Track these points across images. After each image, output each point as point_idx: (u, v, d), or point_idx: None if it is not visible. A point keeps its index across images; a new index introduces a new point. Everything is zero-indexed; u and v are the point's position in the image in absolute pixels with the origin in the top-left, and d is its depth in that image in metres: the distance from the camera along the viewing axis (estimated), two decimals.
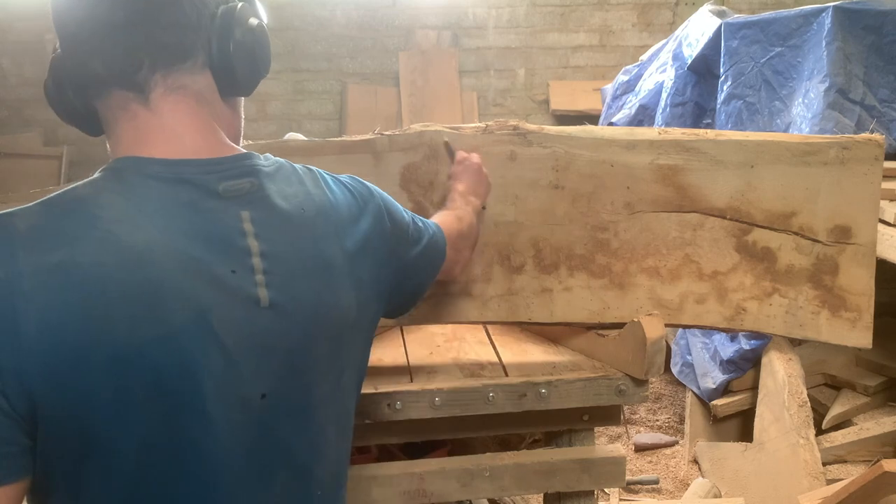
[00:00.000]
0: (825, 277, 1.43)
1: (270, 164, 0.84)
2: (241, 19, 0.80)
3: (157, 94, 0.77)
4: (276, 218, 0.79)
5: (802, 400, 2.38)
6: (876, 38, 2.51)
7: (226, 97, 0.83)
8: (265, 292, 0.76)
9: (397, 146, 1.43)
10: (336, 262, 0.82)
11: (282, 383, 0.77)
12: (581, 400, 1.40)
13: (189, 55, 0.78)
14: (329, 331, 0.81)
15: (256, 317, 0.75)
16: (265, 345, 0.76)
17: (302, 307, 0.78)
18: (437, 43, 5.03)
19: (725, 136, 1.43)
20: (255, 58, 0.82)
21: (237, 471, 0.75)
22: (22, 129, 4.87)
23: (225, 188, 0.77)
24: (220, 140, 0.81)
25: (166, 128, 0.77)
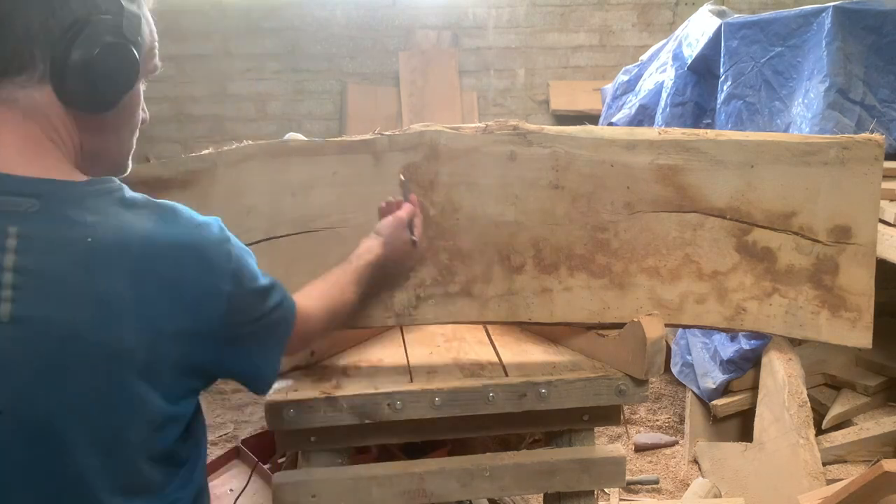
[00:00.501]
0: (825, 277, 1.43)
1: (84, 190, 0.81)
2: (91, 34, 0.79)
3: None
4: (53, 240, 0.77)
5: (802, 400, 2.37)
6: (876, 38, 2.51)
7: (73, 113, 0.82)
8: (8, 307, 0.75)
9: (397, 146, 1.43)
10: (117, 301, 0.79)
11: (20, 402, 0.76)
12: (581, 400, 1.40)
13: (24, 68, 0.78)
14: (91, 366, 0.78)
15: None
16: (1, 361, 0.75)
17: (53, 329, 0.76)
18: (437, 43, 5.03)
19: (725, 136, 1.44)
20: (95, 75, 0.80)
21: None
22: None
23: (2, 202, 0.76)
24: (41, 158, 0.80)
25: None
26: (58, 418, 0.77)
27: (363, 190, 1.43)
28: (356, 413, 1.34)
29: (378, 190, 1.43)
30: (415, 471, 1.41)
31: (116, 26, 0.82)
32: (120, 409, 0.80)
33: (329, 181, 1.43)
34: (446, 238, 1.45)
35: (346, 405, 1.34)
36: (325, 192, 1.43)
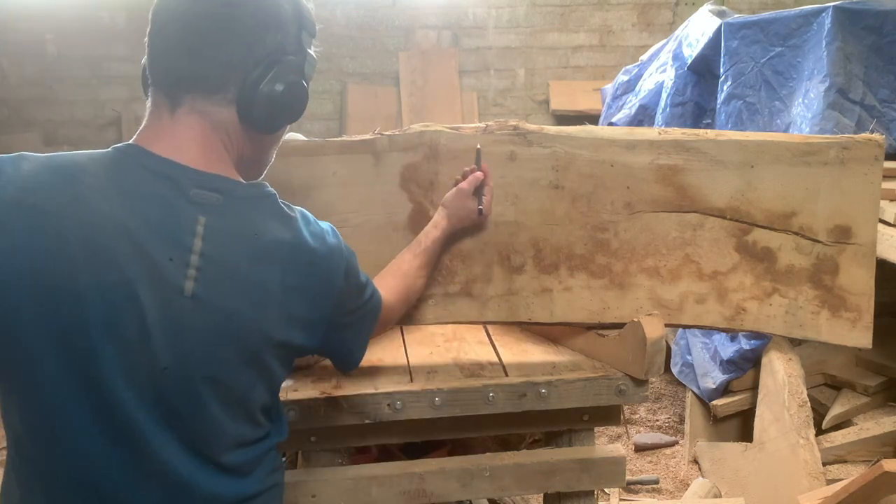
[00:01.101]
0: (825, 277, 1.43)
1: (253, 192, 0.96)
2: (281, 71, 0.94)
3: (183, 110, 0.92)
4: (230, 231, 0.92)
5: (802, 400, 2.38)
6: (876, 38, 2.51)
7: (247, 130, 0.96)
8: (191, 285, 0.88)
9: (397, 146, 1.43)
10: (271, 288, 0.94)
11: (184, 365, 0.89)
12: (581, 400, 1.40)
13: (221, 89, 0.92)
14: (245, 339, 0.93)
15: (176, 301, 0.88)
16: (177, 327, 0.88)
17: (221, 308, 0.90)
18: (437, 43, 5.03)
19: (725, 136, 1.44)
20: (278, 106, 0.95)
21: (136, 419, 0.88)
22: (22, 129, 4.87)
23: (195, 193, 0.90)
24: (220, 161, 0.94)
25: (176, 136, 0.92)
26: (207, 377, 0.91)
27: (363, 190, 1.43)
28: (356, 413, 1.34)
29: (378, 190, 1.43)
30: (415, 471, 1.41)
31: (299, 67, 0.97)
32: (255, 375, 0.96)
33: (329, 181, 1.43)
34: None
35: (346, 405, 1.34)
36: (325, 192, 1.43)
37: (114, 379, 0.86)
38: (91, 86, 4.93)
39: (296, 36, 0.97)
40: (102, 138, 4.98)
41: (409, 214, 1.45)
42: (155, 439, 0.90)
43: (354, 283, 1.07)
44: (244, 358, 0.93)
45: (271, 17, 0.93)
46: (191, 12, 0.90)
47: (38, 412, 0.88)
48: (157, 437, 0.90)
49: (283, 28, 0.94)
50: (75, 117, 4.96)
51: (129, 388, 0.87)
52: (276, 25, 0.94)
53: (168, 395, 0.90)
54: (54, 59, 4.84)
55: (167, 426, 0.90)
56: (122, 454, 0.89)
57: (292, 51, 0.96)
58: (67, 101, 4.94)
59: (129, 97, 4.92)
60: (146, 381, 0.88)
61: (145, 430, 0.89)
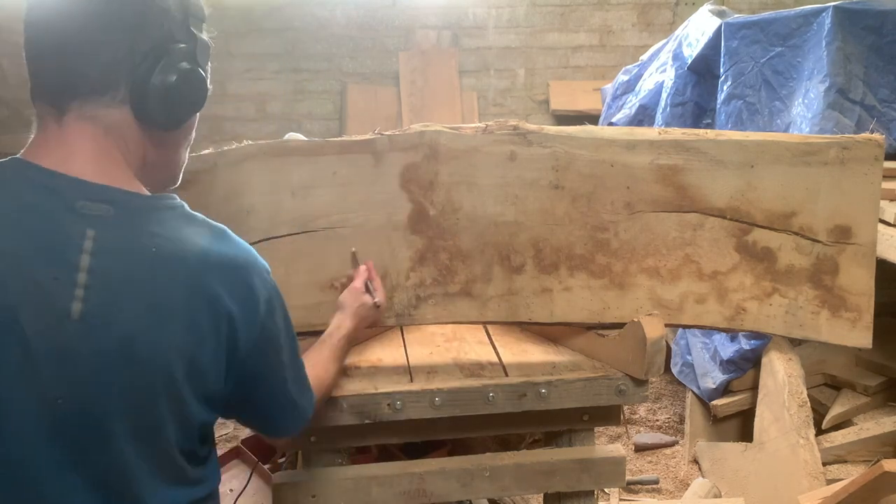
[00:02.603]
0: (825, 277, 1.43)
1: (153, 203, 0.88)
2: (170, 60, 0.87)
3: (71, 117, 0.85)
4: (123, 246, 0.84)
5: (802, 400, 2.37)
6: (876, 38, 2.51)
7: (146, 130, 0.89)
8: (79, 306, 0.80)
9: (397, 146, 1.43)
10: (172, 309, 0.84)
11: (78, 396, 0.81)
12: (581, 400, 1.40)
13: (108, 90, 0.85)
14: (143, 365, 0.83)
15: (63, 325, 0.80)
16: (67, 354, 0.80)
17: (114, 330, 0.82)
18: (437, 43, 5.03)
19: (725, 136, 1.44)
20: (173, 97, 0.88)
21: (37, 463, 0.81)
22: (22, 129, 4.83)
23: (81, 205, 0.83)
24: (117, 169, 0.87)
25: (65, 146, 0.85)
26: (107, 410, 0.82)
27: (363, 190, 1.43)
28: (356, 413, 1.34)
29: (378, 190, 1.43)
30: (415, 471, 1.41)
31: (191, 54, 0.90)
32: (161, 408, 0.85)
33: (329, 181, 1.43)
34: (446, 238, 1.45)
35: (346, 405, 1.34)
36: (325, 192, 1.43)
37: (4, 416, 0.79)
38: None
39: (182, 22, 0.89)
40: None
41: (408, 214, 1.45)
42: (54, 483, 0.81)
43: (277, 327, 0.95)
44: (147, 387, 0.84)
45: (151, 5, 0.86)
46: (65, 13, 0.84)
47: None
48: (57, 481, 0.82)
49: (167, 15, 0.87)
50: None
51: (19, 428, 0.79)
52: (158, 14, 0.87)
53: (67, 430, 0.81)
54: None
55: (69, 465, 0.82)
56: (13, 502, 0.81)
57: (181, 38, 0.89)
58: None
59: None
60: (40, 417, 0.80)
61: (42, 475, 0.81)
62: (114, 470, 0.84)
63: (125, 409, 0.83)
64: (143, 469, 0.86)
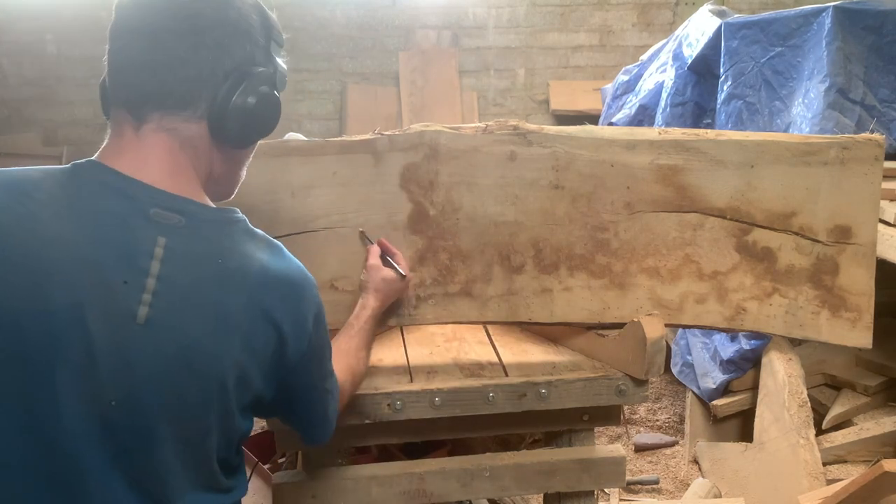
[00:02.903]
0: (825, 277, 1.43)
1: (221, 217, 0.91)
2: (251, 83, 0.90)
3: (149, 127, 0.88)
4: (190, 254, 0.86)
5: (802, 400, 2.37)
6: (876, 38, 2.51)
7: (219, 146, 0.92)
8: (146, 311, 0.82)
9: (397, 146, 1.43)
10: (234, 318, 0.87)
11: (133, 399, 0.83)
12: (581, 400, 1.40)
13: (189, 105, 0.88)
14: (201, 373, 0.85)
15: (128, 329, 0.82)
16: (128, 357, 0.82)
17: (176, 338, 0.84)
18: (437, 43, 5.03)
19: (725, 136, 1.44)
20: (252, 119, 0.91)
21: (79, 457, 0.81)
22: (22, 129, 4.87)
23: (155, 213, 0.85)
24: (188, 182, 0.90)
25: (141, 154, 0.87)
26: (158, 416, 0.84)
27: (363, 190, 1.43)
28: (356, 413, 1.34)
29: (378, 190, 1.43)
30: (415, 471, 1.41)
31: (270, 78, 0.93)
32: (212, 418, 0.88)
33: (329, 181, 1.43)
34: (446, 238, 1.45)
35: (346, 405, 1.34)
36: (325, 192, 1.43)
37: (55, 413, 0.80)
38: (91, 86, 4.93)
39: (264, 47, 0.93)
40: (102, 138, 4.94)
41: (408, 214, 1.45)
42: (97, 480, 0.82)
43: (323, 339, 1.00)
44: (201, 394, 0.86)
45: (239, 28, 0.89)
46: (155, 27, 0.86)
47: None
48: (101, 478, 0.83)
49: (251, 39, 0.91)
50: (75, 117, 4.96)
51: (72, 423, 0.80)
52: (244, 36, 0.90)
53: (117, 431, 0.82)
54: (54, 59, 4.84)
55: (114, 467, 0.83)
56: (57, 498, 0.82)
57: (261, 62, 0.93)
58: (67, 101, 4.93)
59: None
60: (92, 416, 0.81)
61: (87, 470, 0.82)
62: (153, 473, 0.86)
63: (176, 415, 0.85)
64: (180, 475, 0.88)
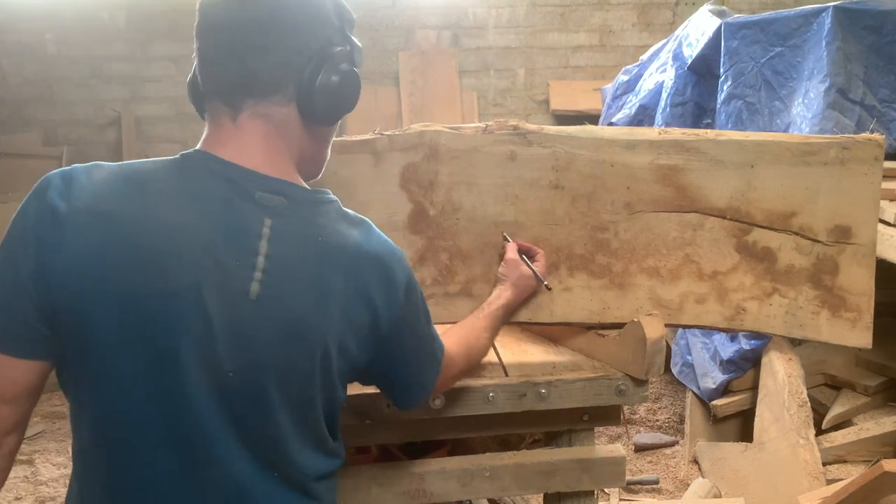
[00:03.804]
0: (825, 277, 1.43)
1: (316, 197, 0.98)
2: (333, 62, 0.96)
3: (245, 115, 0.94)
4: (295, 234, 0.93)
5: (802, 400, 2.38)
6: (876, 38, 2.51)
7: (307, 125, 0.98)
8: (257, 287, 0.89)
9: (397, 146, 1.43)
10: (334, 292, 0.93)
11: (248, 369, 0.90)
12: (581, 400, 1.40)
13: (280, 89, 0.94)
14: (308, 343, 0.92)
15: (242, 305, 0.89)
16: (243, 330, 0.89)
17: (285, 311, 0.90)
18: (437, 43, 5.03)
19: (725, 136, 1.44)
20: (337, 97, 0.97)
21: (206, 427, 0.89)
22: (22, 129, 4.87)
23: (260, 196, 0.92)
24: (284, 164, 0.97)
25: (241, 141, 0.94)
26: (271, 382, 0.91)
27: (363, 190, 1.43)
28: (356, 413, 1.34)
29: (378, 190, 1.43)
30: (415, 471, 1.41)
31: (349, 56, 0.99)
32: (317, 382, 0.95)
33: (329, 181, 1.43)
34: (446, 238, 1.45)
35: (346, 405, 1.34)
36: None
37: (183, 384, 0.87)
38: (91, 86, 4.93)
39: (339, 28, 0.99)
40: (102, 138, 4.98)
41: (408, 214, 1.45)
42: (217, 443, 0.90)
43: (416, 306, 1.04)
44: (307, 362, 0.93)
45: (316, 12, 0.95)
46: (238, 20, 0.92)
47: (107, 419, 0.89)
48: (220, 441, 0.90)
49: (327, 22, 0.97)
50: (75, 117, 4.96)
51: (197, 394, 0.88)
52: (321, 20, 0.96)
53: (234, 399, 0.90)
54: (54, 59, 4.84)
55: (231, 431, 0.91)
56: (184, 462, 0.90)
57: (338, 42, 0.98)
58: (67, 101, 4.94)
59: (129, 97, 4.91)
60: (211, 386, 0.88)
61: (208, 435, 0.89)
62: (267, 436, 0.93)
63: (286, 381, 0.92)
64: (292, 437, 0.95)
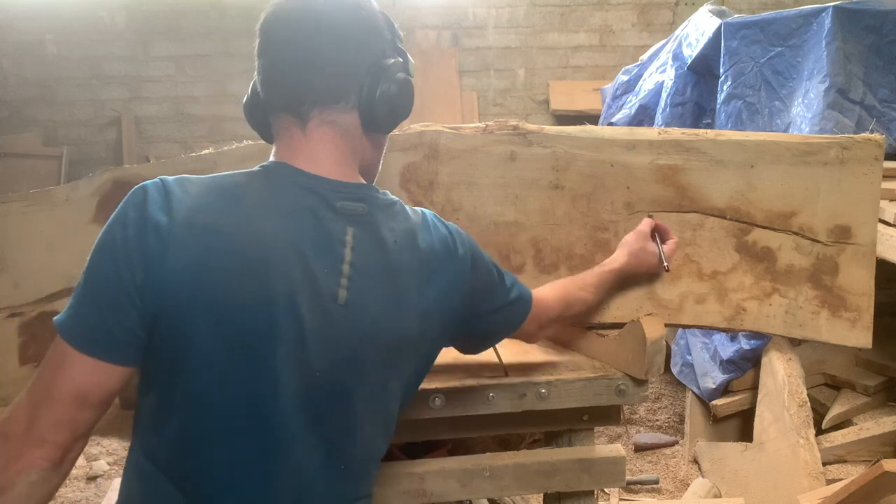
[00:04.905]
0: (825, 277, 1.43)
1: (386, 199, 1.03)
2: (390, 73, 1.00)
3: (313, 124, 0.98)
4: (373, 240, 0.97)
5: (802, 400, 2.38)
6: (876, 38, 2.51)
7: (368, 133, 1.02)
8: (345, 293, 0.94)
9: (397, 146, 1.43)
10: (409, 291, 0.99)
11: (334, 369, 0.94)
12: (581, 400, 1.40)
13: (342, 97, 0.98)
14: (386, 341, 0.97)
15: (332, 309, 0.93)
16: (331, 333, 0.93)
17: (369, 314, 0.96)
18: (437, 43, 5.03)
19: (725, 136, 1.44)
20: (395, 105, 1.01)
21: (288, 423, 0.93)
22: (22, 129, 4.87)
23: (342, 205, 0.96)
24: (352, 168, 1.01)
25: (312, 150, 0.98)
26: (353, 380, 0.96)
27: None
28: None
29: None
30: (415, 471, 1.41)
31: (404, 66, 1.03)
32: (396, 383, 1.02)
33: None
34: None
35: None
36: None
37: (274, 389, 0.91)
38: (91, 86, 4.93)
39: (391, 41, 1.03)
40: (102, 138, 4.99)
41: None
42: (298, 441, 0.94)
43: (483, 275, 1.10)
44: (388, 364, 0.99)
45: (371, 25, 1.00)
46: (301, 36, 0.96)
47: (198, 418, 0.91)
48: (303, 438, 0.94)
49: (381, 35, 1.01)
50: (75, 117, 4.96)
51: (285, 394, 0.92)
52: (376, 33, 1.01)
53: (317, 398, 0.94)
54: (54, 59, 4.84)
55: (311, 427, 0.94)
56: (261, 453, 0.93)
57: (391, 53, 1.03)
58: (67, 101, 4.94)
59: (129, 97, 4.92)
60: (300, 386, 0.92)
61: (292, 434, 0.93)
62: (347, 427, 0.98)
63: (366, 379, 0.97)
64: (368, 425, 1.00)
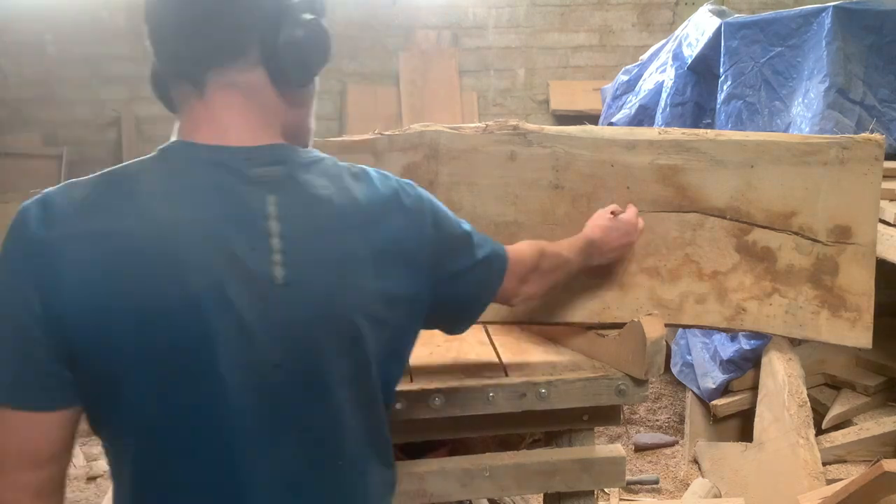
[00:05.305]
0: (825, 277, 1.43)
1: (310, 156, 0.90)
2: (291, 15, 0.86)
3: (211, 89, 0.85)
4: (302, 204, 0.85)
5: (802, 400, 2.38)
6: (876, 38, 2.51)
7: (281, 90, 0.89)
8: (280, 270, 0.82)
9: (397, 146, 1.43)
10: (359, 254, 0.87)
11: (295, 356, 0.84)
12: (581, 400, 1.40)
13: (241, 53, 0.85)
14: (346, 316, 0.86)
15: (271, 292, 0.82)
16: (278, 319, 0.82)
17: (316, 288, 0.84)
18: (437, 43, 5.03)
19: (725, 136, 1.44)
20: (304, 51, 0.87)
21: (249, 431, 0.83)
22: (22, 129, 4.87)
23: (256, 173, 0.84)
24: (266, 133, 0.88)
25: (215, 119, 0.86)
26: (320, 365, 0.85)
27: None
28: None
29: None
30: (415, 471, 1.41)
31: (310, 4, 0.89)
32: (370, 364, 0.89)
33: None
34: None
35: None
36: None
37: (222, 392, 0.81)
38: (91, 86, 4.93)
39: None
40: (102, 138, 4.98)
41: None
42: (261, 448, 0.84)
43: (447, 231, 0.98)
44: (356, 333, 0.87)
45: None
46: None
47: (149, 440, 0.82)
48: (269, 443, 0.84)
49: None
50: (75, 117, 4.96)
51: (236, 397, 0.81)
52: None
53: (279, 391, 0.84)
54: (54, 59, 4.84)
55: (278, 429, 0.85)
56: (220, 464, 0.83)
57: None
58: (67, 101, 4.93)
59: (129, 97, 4.91)
60: (254, 382, 0.82)
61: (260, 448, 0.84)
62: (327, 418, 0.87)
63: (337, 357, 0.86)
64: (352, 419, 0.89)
